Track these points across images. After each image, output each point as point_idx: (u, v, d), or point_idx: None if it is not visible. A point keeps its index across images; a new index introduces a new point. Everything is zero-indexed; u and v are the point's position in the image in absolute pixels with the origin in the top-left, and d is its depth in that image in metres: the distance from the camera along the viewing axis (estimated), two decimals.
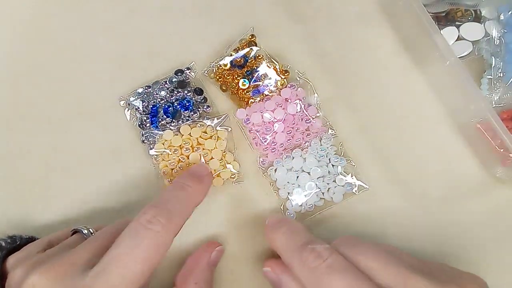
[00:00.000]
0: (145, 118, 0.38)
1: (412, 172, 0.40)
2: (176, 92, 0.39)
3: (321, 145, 0.38)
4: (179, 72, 0.39)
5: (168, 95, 0.39)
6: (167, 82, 0.39)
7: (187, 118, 0.38)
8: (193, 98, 0.39)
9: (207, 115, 0.39)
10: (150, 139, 0.37)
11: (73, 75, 0.41)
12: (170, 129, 0.37)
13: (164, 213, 0.28)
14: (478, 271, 0.36)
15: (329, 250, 0.28)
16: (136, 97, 0.39)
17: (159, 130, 0.38)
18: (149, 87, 0.39)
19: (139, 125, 0.38)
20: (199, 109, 0.39)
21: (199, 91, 0.39)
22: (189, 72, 0.39)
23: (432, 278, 0.26)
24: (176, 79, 0.39)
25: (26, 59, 0.41)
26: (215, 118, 0.38)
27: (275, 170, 0.38)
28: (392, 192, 0.39)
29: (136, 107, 0.38)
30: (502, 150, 0.37)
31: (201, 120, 0.37)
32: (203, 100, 0.39)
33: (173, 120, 0.38)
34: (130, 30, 0.42)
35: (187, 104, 0.38)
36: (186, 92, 0.39)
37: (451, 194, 0.39)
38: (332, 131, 0.39)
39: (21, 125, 0.39)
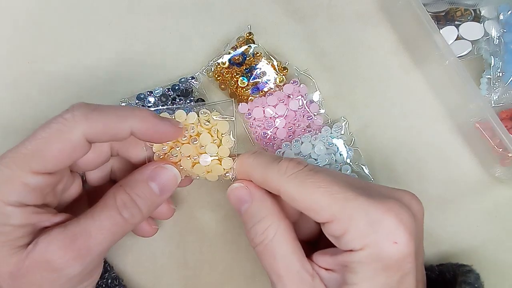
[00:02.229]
0: None
1: (411, 171, 0.39)
2: (178, 100, 0.39)
3: (331, 133, 0.38)
4: (183, 80, 0.39)
5: (161, 103, 0.38)
6: (170, 90, 0.39)
7: None
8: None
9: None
10: None
11: (72, 72, 0.40)
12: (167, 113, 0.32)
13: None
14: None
15: (304, 160, 0.28)
16: (137, 100, 0.38)
17: None
18: (151, 92, 0.39)
19: None
20: None
21: (201, 102, 0.39)
22: (193, 81, 0.39)
23: (371, 197, 0.26)
24: (179, 87, 0.39)
25: (25, 56, 0.41)
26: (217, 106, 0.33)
27: (283, 153, 0.37)
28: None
29: None
30: (501, 149, 0.37)
31: (202, 106, 0.33)
32: None
33: None
34: (129, 28, 0.42)
35: None
36: (188, 101, 0.39)
37: (449, 193, 0.39)
38: (344, 121, 0.39)
39: (19, 124, 0.39)
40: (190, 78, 0.39)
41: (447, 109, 0.41)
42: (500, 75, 0.41)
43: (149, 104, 0.38)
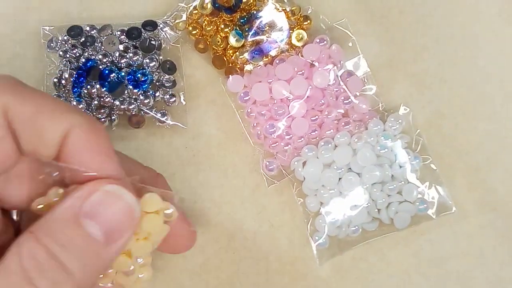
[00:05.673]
0: (67, 74, 0.29)
1: None
2: (132, 54, 0.29)
3: (385, 130, 0.30)
4: (149, 25, 0.30)
5: (116, 55, 0.30)
6: (124, 34, 0.30)
7: (133, 99, 0.28)
8: (156, 74, 0.30)
9: (165, 108, 0.30)
10: None
11: None
12: None
13: None
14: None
15: None
16: (66, 35, 0.30)
17: (79, 101, 0.29)
18: (94, 28, 0.30)
19: (54, 83, 0.30)
20: (159, 96, 0.29)
21: (170, 67, 0.30)
22: (165, 31, 0.31)
23: None
24: (138, 33, 0.30)
25: None
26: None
27: (304, 163, 0.30)
28: (483, 220, 0.31)
29: (63, 51, 0.29)
30: None
31: None
32: (170, 84, 0.30)
33: (108, 95, 0.29)
34: None
35: (143, 79, 0.29)
36: (148, 60, 0.29)
37: None
38: (405, 109, 0.31)
39: None
40: (161, 24, 0.30)
41: None
42: None
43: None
